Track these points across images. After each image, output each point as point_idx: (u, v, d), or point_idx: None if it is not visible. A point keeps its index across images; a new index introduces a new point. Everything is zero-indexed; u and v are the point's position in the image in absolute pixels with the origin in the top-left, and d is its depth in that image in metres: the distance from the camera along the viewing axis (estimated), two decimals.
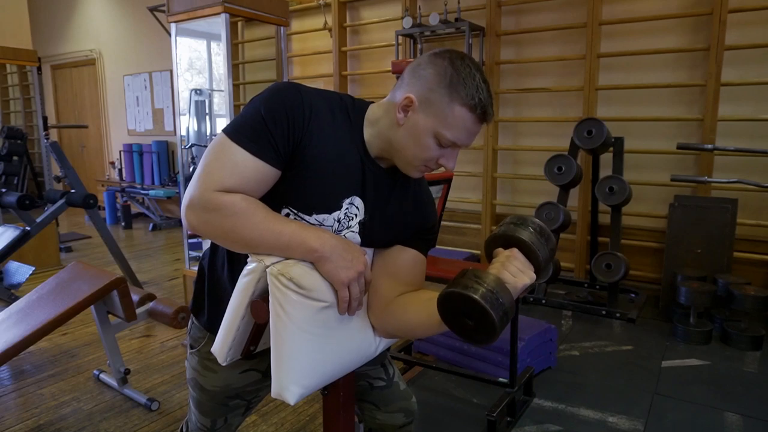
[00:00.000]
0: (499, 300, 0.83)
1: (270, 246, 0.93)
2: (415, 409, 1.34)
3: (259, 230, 0.92)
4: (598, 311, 3.33)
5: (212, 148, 0.95)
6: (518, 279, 0.88)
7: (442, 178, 2.43)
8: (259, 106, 0.94)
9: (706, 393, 2.40)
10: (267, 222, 0.92)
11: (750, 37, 3.31)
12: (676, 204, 3.31)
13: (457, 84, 0.92)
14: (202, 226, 0.93)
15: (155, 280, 4.24)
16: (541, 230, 0.91)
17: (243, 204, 0.92)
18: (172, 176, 6.69)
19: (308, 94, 0.97)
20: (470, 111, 0.93)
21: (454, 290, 0.85)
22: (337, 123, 0.99)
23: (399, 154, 1.00)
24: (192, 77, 4.07)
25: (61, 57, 7.99)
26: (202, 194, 0.91)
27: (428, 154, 0.97)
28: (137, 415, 2.23)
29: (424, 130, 0.95)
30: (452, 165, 1.00)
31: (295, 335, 0.92)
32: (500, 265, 0.90)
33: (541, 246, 0.90)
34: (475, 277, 0.85)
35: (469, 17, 4.15)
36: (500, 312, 0.83)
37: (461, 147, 0.99)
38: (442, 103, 0.93)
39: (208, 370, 1.15)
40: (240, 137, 0.93)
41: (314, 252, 0.93)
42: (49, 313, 2.10)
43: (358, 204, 1.03)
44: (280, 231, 0.92)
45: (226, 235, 0.93)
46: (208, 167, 0.93)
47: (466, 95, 0.92)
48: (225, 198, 0.91)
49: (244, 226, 0.91)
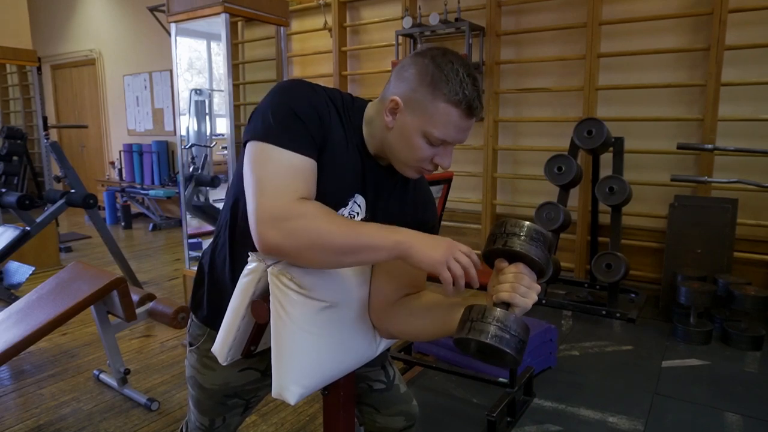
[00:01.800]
0: (511, 333, 0.83)
1: (357, 248, 0.88)
2: (415, 413, 1.33)
3: (344, 232, 0.87)
4: (598, 311, 3.33)
5: (258, 159, 0.91)
6: (528, 300, 0.87)
7: (442, 178, 2.43)
8: (284, 105, 0.93)
9: (706, 393, 2.40)
10: (347, 224, 0.90)
11: (750, 37, 3.31)
12: (676, 204, 3.31)
13: (439, 81, 0.92)
14: (289, 239, 0.86)
15: (155, 280, 4.24)
16: (543, 238, 0.91)
17: (322, 209, 0.89)
18: (172, 176, 6.68)
19: (321, 91, 0.99)
20: (455, 106, 0.92)
21: (472, 338, 0.84)
22: (342, 120, 1.00)
23: (393, 156, 1.00)
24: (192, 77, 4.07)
25: (61, 57, 7.99)
26: (282, 205, 0.87)
27: (420, 154, 0.97)
28: (137, 415, 2.23)
29: (413, 130, 0.95)
30: (447, 163, 0.99)
31: (296, 335, 0.92)
32: (510, 286, 0.87)
33: (543, 255, 0.90)
34: (490, 318, 0.84)
35: (469, 17, 4.15)
36: (515, 344, 0.83)
37: (454, 144, 0.98)
38: (426, 102, 0.93)
39: (207, 368, 1.15)
40: (283, 140, 0.90)
41: (401, 244, 0.87)
42: (49, 313, 2.10)
43: (360, 202, 1.04)
44: (363, 232, 0.88)
45: (314, 244, 0.87)
46: (267, 180, 0.89)
47: (448, 91, 0.91)
48: (304, 205, 0.88)
49: (330, 231, 0.87)
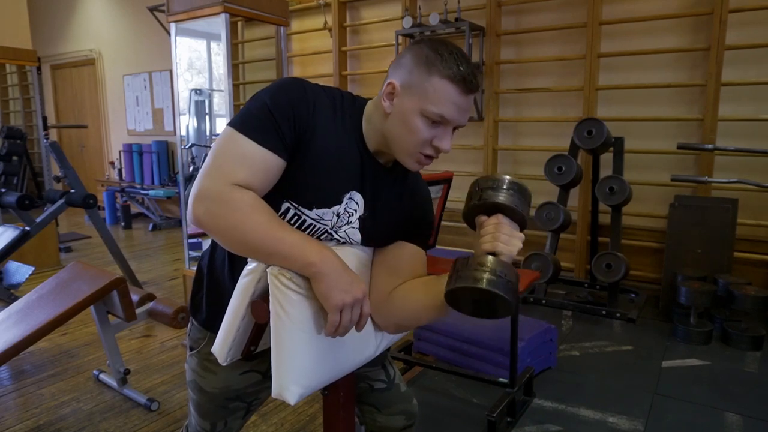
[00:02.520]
0: (504, 278, 0.85)
1: (269, 251, 0.91)
2: (415, 412, 1.34)
3: (262, 232, 0.90)
4: (598, 311, 3.33)
5: (220, 141, 0.95)
6: (511, 246, 0.89)
7: (442, 178, 2.43)
8: (264, 99, 0.95)
9: (706, 393, 2.40)
10: (271, 225, 0.91)
11: (750, 37, 3.31)
12: (677, 204, 3.31)
13: (434, 60, 0.93)
14: (208, 218, 0.91)
15: (155, 280, 4.24)
16: (518, 188, 0.92)
17: (252, 202, 0.91)
18: (171, 176, 6.68)
19: (312, 89, 0.99)
20: (450, 81, 0.93)
21: (462, 286, 0.86)
22: (338, 119, 1.00)
23: (394, 145, 1.00)
24: (192, 77, 4.08)
25: (60, 57, 7.99)
26: (214, 186, 0.91)
27: (419, 136, 0.96)
28: (137, 415, 2.23)
29: (411, 111, 0.95)
30: (447, 145, 0.98)
31: (296, 335, 0.92)
32: (491, 237, 0.90)
33: (522, 204, 0.91)
34: (477, 264, 0.86)
35: (469, 17, 4.15)
36: (510, 289, 0.85)
37: (453, 124, 0.97)
38: (422, 80, 0.94)
39: (208, 372, 1.15)
40: (247, 129, 0.93)
41: (312, 266, 0.90)
42: (49, 313, 2.10)
43: (358, 199, 1.04)
44: (282, 238, 0.90)
45: (228, 232, 0.91)
46: (217, 160, 0.93)
47: (444, 68, 0.93)
48: (236, 193, 0.90)
49: (248, 225, 0.89)
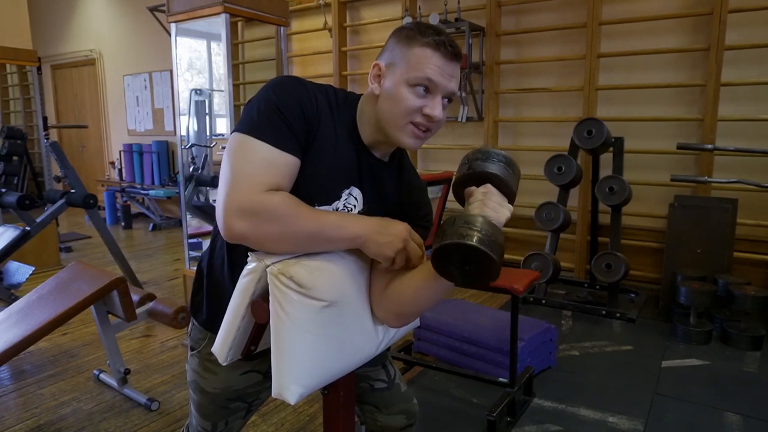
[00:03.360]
0: (493, 240, 0.84)
1: (317, 239, 0.93)
2: (416, 411, 1.34)
3: (308, 224, 0.91)
4: (598, 311, 3.33)
5: (235, 150, 0.93)
6: (500, 214, 0.89)
7: (442, 178, 2.43)
8: (269, 100, 0.95)
9: (706, 393, 2.40)
10: (311, 215, 0.92)
11: (750, 37, 3.32)
12: (676, 204, 3.31)
13: (413, 34, 0.96)
14: (253, 230, 0.89)
15: (155, 280, 4.25)
16: (507, 161, 0.92)
17: (288, 200, 0.92)
18: (172, 176, 6.68)
19: (310, 86, 1.00)
20: (429, 47, 0.95)
21: (451, 241, 0.83)
22: (335, 115, 1.01)
23: (386, 125, 0.99)
24: (192, 77, 4.07)
25: (61, 57, 7.99)
26: (249, 197, 0.89)
27: (408, 103, 0.96)
28: (137, 415, 2.23)
29: (397, 84, 0.96)
30: (438, 113, 0.97)
31: (296, 335, 0.92)
32: (480, 203, 0.89)
33: (511, 177, 0.91)
34: (465, 223, 0.85)
35: (469, 17, 4.15)
36: (498, 251, 0.84)
37: (440, 89, 0.96)
38: (403, 54, 0.96)
39: (208, 372, 1.15)
40: (262, 134, 0.92)
41: (358, 239, 0.94)
42: (49, 313, 2.10)
43: (357, 195, 1.05)
44: (324, 222, 0.92)
45: (276, 237, 0.91)
46: (240, 170, 0.91)
47: (422, 37, 0.95)
48: (273, 197, 0.90)
49: (295, 223, 0.90)
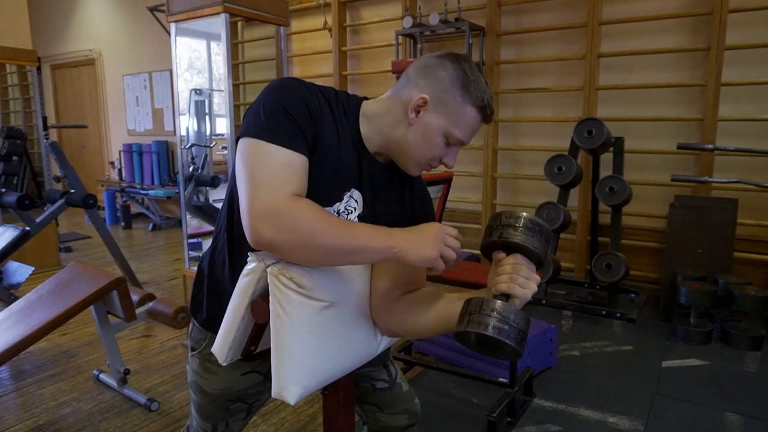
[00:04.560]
0: (510, 324, 0.83)
1: (348, 249, 0.88)
2: (418, 411, 1.34)
3: (338, 234, 0.87)
4: (598, 311, 3.33)
5: (250, 155, 0.91)
6: (527, 290, 0.88)
7: (442, 178, 2.43)
8: (275, 102, 0.94)
9: (706, 393, 2.40)
10: (341, 225, 0.89)
11: (750, 37, 3.31)
12: (676, 204, 3.31)
13: (468, 85, 0.98)
14: (281, 235, 0.86)
15: (155, 280, 4.24)
16: (540, 228, 0.91)
17: (315, 207, 0.90)
18: (171, 176, 6.68)
19: (313, 87, 1.00)
20: (479, 112, 0.99)
21: (465, 330, 0.85)
22: (337, 116, 1.01)
23: (404, 153, 1.02)
24: (192, 77, 4.07)
25: (61, 57, 7.99)
26: (276, 202, 0.86)
27: (435, 152, 1.02)
28: (137, 415, 2.23)
29: (437, 129, 0.99)
30: (453, 163, 1.05)
31: (296, 335, 0.92)
32: (508, 277, 0.88)
33: (541, 245, 0.90)
34: (490, 310, 0.84)
35: (469, 17, 4.15)
36: (515, 335, 0.83)
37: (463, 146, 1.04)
38: (456, 104, 0.98)
39: (209, 373, 1.15)
40: (274, 136, 0.91)
41: (392, 248, 0.89)
42: (49, 313, 2.10)
43: (357, 197, 1.05)
44: (355, 233, 0.89)
45: (306, 243, 0.87)
46: (261, 175, 0.89)
47: (477, 97, 0.98)
48: (300, 203, 0.88)
49: (324, 231, 0.87)
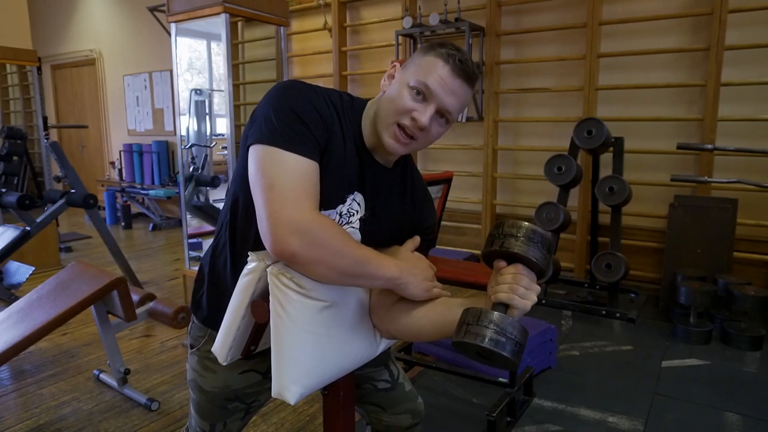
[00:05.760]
0: (507, 336, 0.83)
1: (358, 274, 0.91)
2: (421, 410, 1.34)
3: (353, 257, 0.90)
4: (598, 311, 3.33)
5: (266, 163, 0.90)
6: (527, 300, 0.88)
7: (442, 178, 2.43)
8: (286, 107, 0.93)
9: (706, 393, 2.41)
10: (358, 249, 0.91)
11: (750, 37, 3.31)
12: (676, 204, 3.31)
13: (435, 46, 0.99)
14: (307, 249, 0.86)
15: (155, 280, 4.24)
16: (542, 239, 0.89)
17: (337, 225, 0.91)
18: (172, 176, 6.68)
19: (319, 90, 1.00)
20: (442, 58, 0.96)
21: (462, 340, 0.85)
22: (342, 119, 1.01)
23: (378, 121, 1.01)
24: (192, 77, 4.07)
25: (61, 57, 7.99)
26: (305, 216, 0.86)
27: (401, 102, 0.96)
28: (137, 415, 2.23)
29: (400, 83, 0.99)
30: (425, 119, 0.95)
31: (296, 335, 0.92)
32: (508, 287, 0.88)
33: (542, 256, 0.89)
34: (488, 321, 0.84)
35: (469, 17, 4.15)
36: (512, 347, 0.83)
37: (436, 100, 0.96)
38: (417, 58, 0.99)
39: (207, 371, 1.15)
40: (289, 144, 0.90)
41: (396, 279, 0.95)
42: (49, 313, 2.10)
43: (359, 200, 1.05)
44: (368, 260, 0.92)
45: (326, 260, 0.87)
46: (283, 185, 0.88)
47: (439, 49, 0.97)
48: (325, 220, 0.89)
49: (343, 253, 0.88)
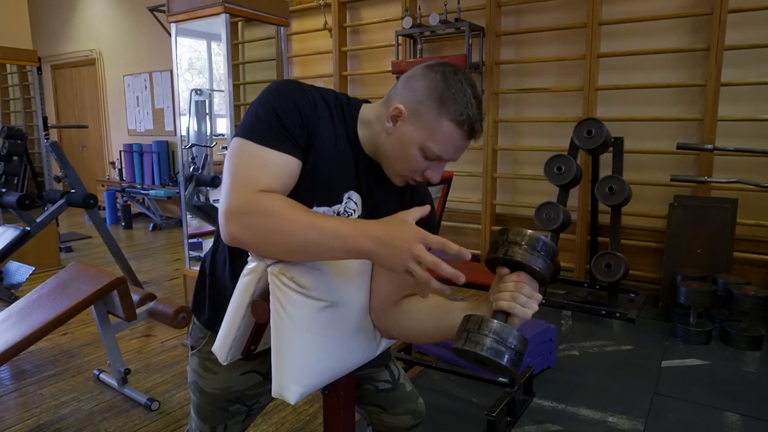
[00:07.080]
0: (507, 345, 0.83)
1: (315, 246, 0.85)
2: (422, 410, 1.34)
3: (303, 227, 0.85)
4: (598, 311, 3.34)
5: (234, 155, 0.93)
6: (528, 309, 0.87)
7: (442, 178, 2.43)
8: (267, 104, 0.95)
9: (706, 393, 2.41)
10: (308, 217, 0.87)
11: (750, 37, 3.31)
12: (676, 204, 3.31)
13: (447, 98, 0.93)
14: (245, 232, 0.87)
15: (155, 280, 4.24)
16: (546, 248, 0.89)
17: (282, 201, 0.89)
18: (172, 176, 6.68)
19: (309, 89, 1.00)
20: (458, 127, 0.94)
21: (463, 348, 0.85)
22: (334, 119, 1.01)
23: (386, 163, 1.02)
24: (192, 77, 4.08)
25: (61, 57, 7.99)
26: (241, 199, 0.88)
27: (413, 165, 0.98)
28: (137, 415, 2.23)
29: (411, 141, 0.96)
30: (437, 178, 1.00)
31: (296, 335, 0.92)
32: (510, 295, 0.87)
33: (545, 265, 0.89)
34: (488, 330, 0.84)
35: (469, 17, 4.15)
36: (511, 356, 0.83)
37: (447, 161, 1.00)
38: (431, 117, 0.94)
39: (208, 372, 1.15)
40: (259, 137, 0.92)
41: (363, 252, 0.85)
42: (49, 313, 2.10)
43: (356, 199, 1.05)
44: (323, 226, 0.85)
45: (271, 239, 0.87)
46: (237, 174, 0.90)
47: (455, 111, 0.93)
48: (265, 198, 0.88)
49: (288, 225, 0.86)
